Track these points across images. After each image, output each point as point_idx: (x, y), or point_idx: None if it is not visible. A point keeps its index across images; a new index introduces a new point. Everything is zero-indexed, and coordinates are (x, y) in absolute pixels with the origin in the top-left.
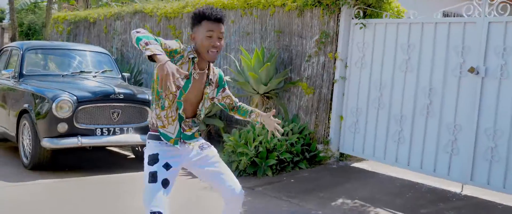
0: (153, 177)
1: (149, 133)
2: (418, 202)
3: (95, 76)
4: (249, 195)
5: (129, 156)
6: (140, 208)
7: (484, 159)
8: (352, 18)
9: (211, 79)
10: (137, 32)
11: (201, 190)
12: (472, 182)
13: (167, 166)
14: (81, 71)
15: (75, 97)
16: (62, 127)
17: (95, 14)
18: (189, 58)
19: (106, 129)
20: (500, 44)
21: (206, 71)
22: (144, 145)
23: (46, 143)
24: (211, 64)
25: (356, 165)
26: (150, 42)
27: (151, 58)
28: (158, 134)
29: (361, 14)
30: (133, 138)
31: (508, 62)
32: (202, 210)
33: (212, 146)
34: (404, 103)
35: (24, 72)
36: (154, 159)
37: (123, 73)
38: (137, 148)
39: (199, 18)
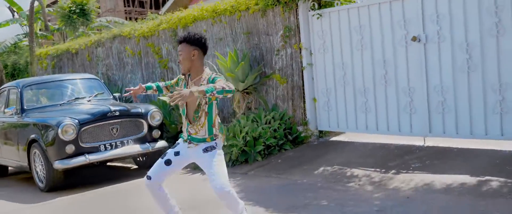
0: (162, 156)
1: None
2: (387, 158)
3: (90, 100)
4: (243, 178)
5: (131, 167)
6: (150, 208)
7: (437, 112)
8: (309, 11)
9: (203, 83)
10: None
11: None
12: (431, 134)
13: (177, 153)
14: (76, 98)
15: (77, 121)
16: (70, 148)
17: (76, 44)
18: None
19: (109, 144)
20: (434, 12)
21: (198, 78)
22: (145, 154)
23: (58, 165)
24: (204, 73)
25: (334, 138)
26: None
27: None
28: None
29: (316, 6)
30: (134, 148)
31: (442, 27)
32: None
33: (215, 150)
34: (364, 77)
35: (25, 107)
36: (174, 146)
37: (113, 94)
38: (139, 158)
39: (201, 40)
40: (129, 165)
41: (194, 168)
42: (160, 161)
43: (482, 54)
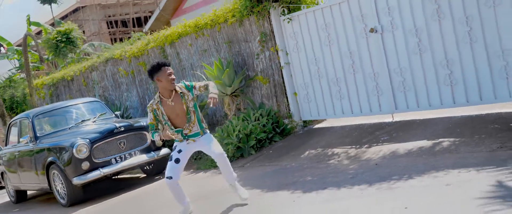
0: (171, 158)
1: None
2: (361, 136)
3: (95, 121)
4: (241, 170)
5: (140, 176)
6: (163, 204)
7: (400, 91)
8: (280, 16)
9: (182, 92)
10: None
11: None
12: (397, 110)
13: (179, 151)
14: (82, 121)
15: (88, 140)
16: (85, 165)
17: (71, 71)
18: (156, 102)
19: (119, 157)
20: (385, 6)
21: (174, 93)
22: (151, 162)
23: (77, 181)
24: (176, 85)
25: (317, 126)
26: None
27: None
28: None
29: (286, 11)
30: (141, 158)
31: (394, 18)
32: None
33: (207, 134)
34: (335, 68)
35: (38, 134)
36: (174, 149)
37: (115, 113)
38: (146, 167)
39: (159, 67)
40: (137, 175)
41: (197, 168)
42: (171, 163)
43: (429, 36)
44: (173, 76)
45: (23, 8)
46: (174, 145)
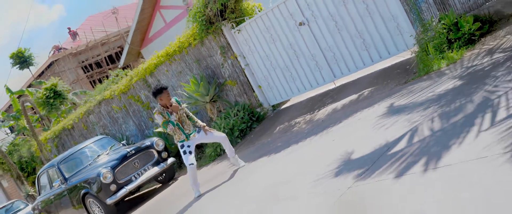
0: (184, 152)
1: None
2: (314, 104)
3: (108, 153)
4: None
5: (157, 186)
6: (180, 196)
7: (333, 63)
8: (231, 30)
9: (175, 106)
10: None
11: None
12: (336, 78)
13: (188, 146)
14: (98, 155)
15: (110, 167)
16: (113, 187)
17: (70, 121)
18: (162, 109)
19: (136, 174)
20: (304, 3)
21: (172, 108)
22: (163, 172)
23: (110, 201)
24: (173, 101)
25: (283, 107)
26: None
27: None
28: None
29: (234, 25)
30: (154, 170)
31: (313, 10)
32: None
33: (201, 131)
34: (283, 59)
35: (66, 176)
36: (183, 147)
37: (121, 142)
38: (160, 178)
39: (161, 90)
40: (154, 187)
41: (200, 165)
42: (187, 155)
43: (341, 18)
44: (169, 96)
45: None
46: (181, 144)
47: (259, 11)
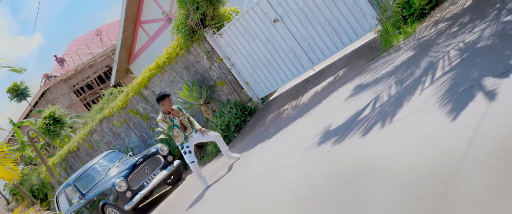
0: (185, 152)
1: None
2: (298, 91)
3: (118, 165)
4: (232, 149)
5: (167, 188)
6: (191, 189)
7: (309, 51)
8: (213, 35)
9: (176, 110)
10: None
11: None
12: (314, 64)
13: (188, 146)
14: (109, 169)
15: (122, 176)
16: (128, 194)
17: (74, 143)
18: (165, 116)
19: (148, 179)
20: (276, 2)
21: (173, 113)
22: (171, 174)
23: (127, 207)
24: (174, 107)
25: (271, 98)
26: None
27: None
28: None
29: (216, 30)
30: (162, 174)
31: (284, 7)
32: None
33: (198, 131)
34: (265, 54)
35: (83, 192)
36: (183, 148)
37: (128, 154)
38: (169, 181)
39: (164, 97)
40: (164, 190)
41: (204, 163)
42: (188, 154)
43: (310, 10)
44: (171, 102)
45: None
46: (181, 146)
47: (235, 14)
